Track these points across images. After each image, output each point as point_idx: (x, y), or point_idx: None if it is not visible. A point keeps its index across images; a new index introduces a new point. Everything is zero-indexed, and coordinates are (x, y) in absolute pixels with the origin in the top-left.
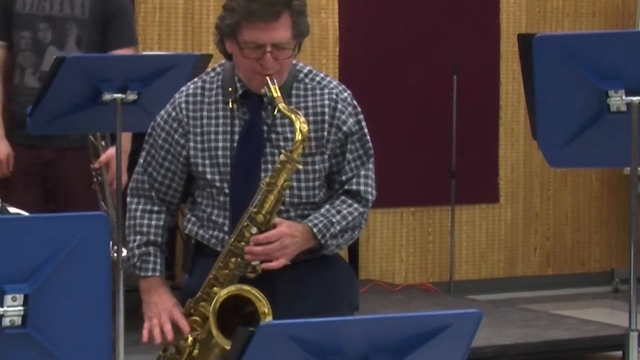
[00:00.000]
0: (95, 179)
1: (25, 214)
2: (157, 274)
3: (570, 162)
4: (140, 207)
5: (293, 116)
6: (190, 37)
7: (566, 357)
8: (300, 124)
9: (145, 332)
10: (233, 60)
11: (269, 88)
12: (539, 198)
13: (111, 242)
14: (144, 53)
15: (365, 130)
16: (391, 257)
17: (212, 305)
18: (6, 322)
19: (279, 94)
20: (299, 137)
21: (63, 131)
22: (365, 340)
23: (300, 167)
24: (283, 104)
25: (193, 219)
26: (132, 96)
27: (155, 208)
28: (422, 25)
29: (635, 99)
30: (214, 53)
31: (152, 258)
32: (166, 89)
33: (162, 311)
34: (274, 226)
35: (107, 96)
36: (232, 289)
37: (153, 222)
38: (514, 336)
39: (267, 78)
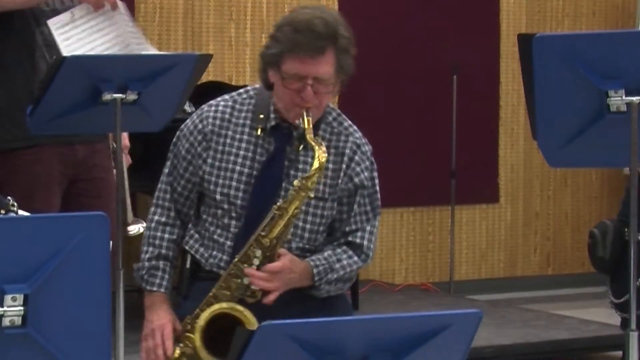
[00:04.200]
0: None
1: (26, 214)
2: (162, 290)
3: (570, 162)
4: (156, 217)
5: (316, 146)
6: (190, 37)
7: (566, 357)
8: (321, 154)
9: (143, 355)
10: (274, 90)
11: (303, 119)
12: (539, 198)
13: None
14: (144, 53)
15: (377, 187)
16: (391, 257)
17: (199, 318)
18: (6, 322)
19: (311, 127)
20: (316, 164)
21: (63, 131)
22: (365, 340)
23: (312, 195)
24: (311, 135)
25: (196, 235)
26: (132, 96)
27: (170, 221)
28: (422, 25)
29: (635, 99)
30: (213, 53)
31: (160, 273)
32: (166, 89)
33: (156, 329)
34: (279, 255)
35: (107, 96)
36: (224, 305)
37: (166, 236)
38: (514, 336)
39: (304, 110)
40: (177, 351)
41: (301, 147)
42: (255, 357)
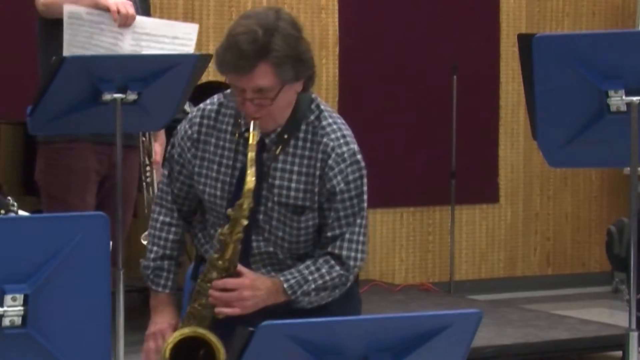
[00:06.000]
0: (145, 177)
1: (26, 214)
2: (167, 290)
3: (570, 162)
4: (161, 218)
5: (249, 169)
6: None
7: (566, 357)
8: (249, 179)
9: (143, 356)
10: None
11: (248, 131)
12: (539, 198)
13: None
14: (144, 53)
15: (361, 189)
16: (391, 257)
17: (163, 350)
18: (6, 322)
19: (254, 142)
20: (244, 190)
21: (63, 131)
22: (365, 340)
23: (245, 222)
24: (252, 154)
25: (199, 234)
26: (132, 96)
27: (174, 221)
28: (422, 25)
29: (635, 99)
30: (213, 53)
31: (164, 274)
32: (166, 89)
33: (157, 332)
34: (239, 274)
35: (107, 96)
36: (185, 331)
37: (170, 236)
38: (514, 336)
39: (252, 122)
40: None
41: (279, 149)
42: (255, 357)
